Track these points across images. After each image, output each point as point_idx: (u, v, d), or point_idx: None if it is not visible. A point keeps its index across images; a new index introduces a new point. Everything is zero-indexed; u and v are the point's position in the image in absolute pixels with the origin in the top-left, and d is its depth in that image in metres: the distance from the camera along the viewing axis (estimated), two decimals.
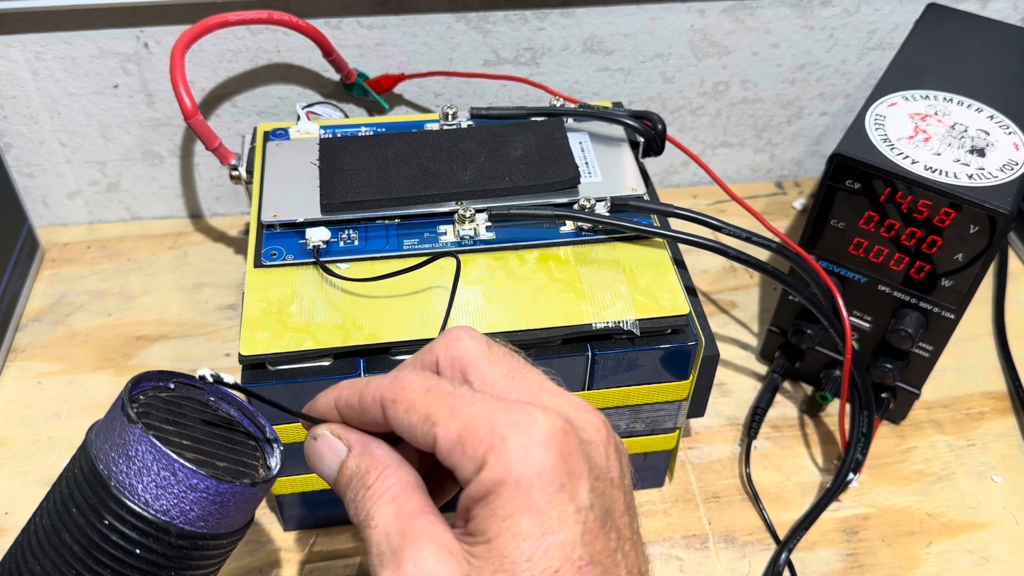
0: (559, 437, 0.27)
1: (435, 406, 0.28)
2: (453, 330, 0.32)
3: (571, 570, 0.26)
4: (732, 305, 0.65)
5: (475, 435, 0.27)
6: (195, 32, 0.54)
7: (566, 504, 0.27)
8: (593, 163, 0.51)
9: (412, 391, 0.29)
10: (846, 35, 0.66)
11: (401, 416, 0.29)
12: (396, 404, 0.29)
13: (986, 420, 0.58)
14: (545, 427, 0.27)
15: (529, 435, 0.27)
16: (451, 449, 0.28)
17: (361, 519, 0.29)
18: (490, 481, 0.27)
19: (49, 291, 0.64)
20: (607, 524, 0.28)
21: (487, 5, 0.61)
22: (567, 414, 0.29)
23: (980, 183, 0.46)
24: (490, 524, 0.27)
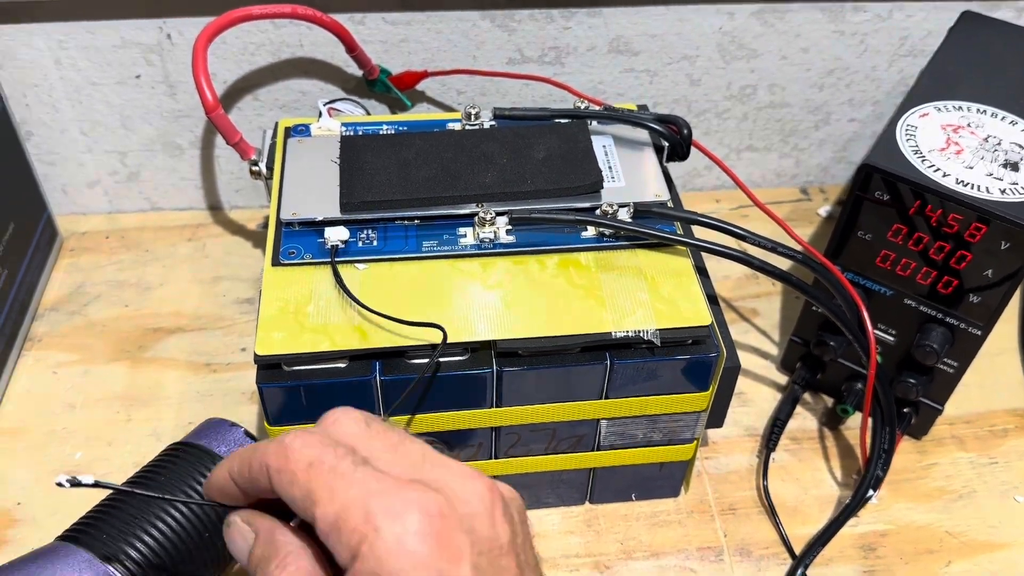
0: (436, 520, 0.27)
1: (315, 483, 0.28)
2: (331, 413, 0.32)
3: None
4: (753, 313, 0.64)
5: (349, 523, 0.27)
6: (218, 25, 0.53)
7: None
8: (617, 167, 0.50)
9: (295, 463, 0.29)
10: (877, 41, 0.65)
11: (285, 487, 0.29)
12: (280, 474, 0.29)
13: (1010, 438, 0.57)
14: (419, 514, 0.27)
15: (403, 524, 0.27)
16: (328, 533, 0.28)
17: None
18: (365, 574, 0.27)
19: (67, 280, 0.64)
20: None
21: (513, 3, 0.60)
22: (447, 488, 0.29)
23: (1013, 198, 0.45)
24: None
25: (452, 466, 0.30)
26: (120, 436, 0.55)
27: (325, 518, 0.27)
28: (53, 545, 0.40)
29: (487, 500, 0.29)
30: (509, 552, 0.29)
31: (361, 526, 0.27)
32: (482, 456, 0.48)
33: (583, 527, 0.51)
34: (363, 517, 0.27)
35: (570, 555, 0.50)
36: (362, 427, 0.31)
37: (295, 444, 0.29)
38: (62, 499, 0.51)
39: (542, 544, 0.50)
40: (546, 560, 0.50)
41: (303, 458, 0.29)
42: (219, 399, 0.57)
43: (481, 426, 0.46)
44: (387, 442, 0.30)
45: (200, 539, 0.42)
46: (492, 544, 0.28)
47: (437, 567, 0.27)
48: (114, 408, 0.56)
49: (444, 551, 0.27)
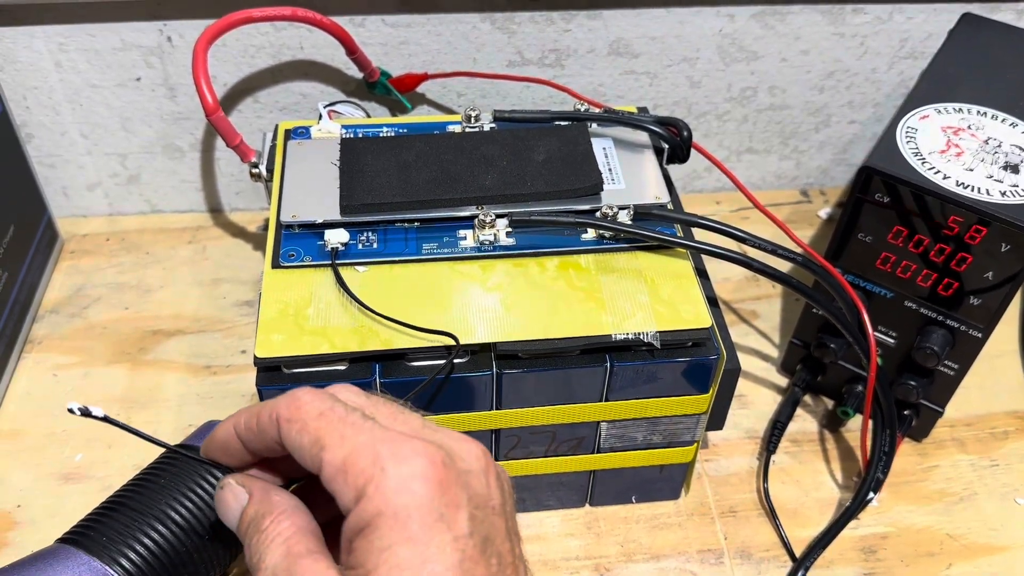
0: (438, 468, 0.28)
1: (326, 430, 0.29)
2: (330, 387, 0.32)
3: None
4: (754, 315, 0.64)
5: (357, 464, 0.28)
6: (219, 27, 0.53)
7: (444, 533, 0.28)
8: (617, 170, 0.50)
9: (306, 412, 0.30)
10: (877, 43, 0.65)
11: (294, 436, 0.30)
12: (290, 423, 0.30)
13: (1010, 440, 0.57)
14: (424, 459, 0.28)
15: (409, 467, 0.28)
16: (334, 476, 0.29)
17: (254, 562, 0.30)
18: (369, 512, 0.27)
19: (67, 283, 0.64)
20: (487, 550, 0.29)
21: (513, 5, 0.60)
22: (447, 445, 0.30)
23: (1013, 200, 0.45)
24: (369, 556, 0.27)
25: (449, 431, 0.31)
26: (120, 438, 0.54)
27: (333, 462, 0.28)
28: (53, 547, 0.40)
29: (483, 461, 0.31)
30: (500, 514, 0.30)
31: (368, 468, 0.28)
32: None
33: (583, 529, 0.51)
34: (371, 459, 0.28)
35: (570, 557, 0.50)
36: (362, 397, 0.32)
37: (306, 396, 0.30)
38: (61, 502, 0.51)
39: (542, 546, 0.50)
40: (546, 563, 0.50)
41: (314, 408, 0.30)
42: (219, 401, 0.57)
43: (481, 428, 0.46)
44: (389, 410, 0.32)
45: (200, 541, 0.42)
46: (486, 502, 0.30)
47: (439, 510, 0.28)
48: (114, 410, 0.56)
49: (445, 496, 0.28)
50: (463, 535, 0.28)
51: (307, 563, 0.29)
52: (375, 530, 0.27)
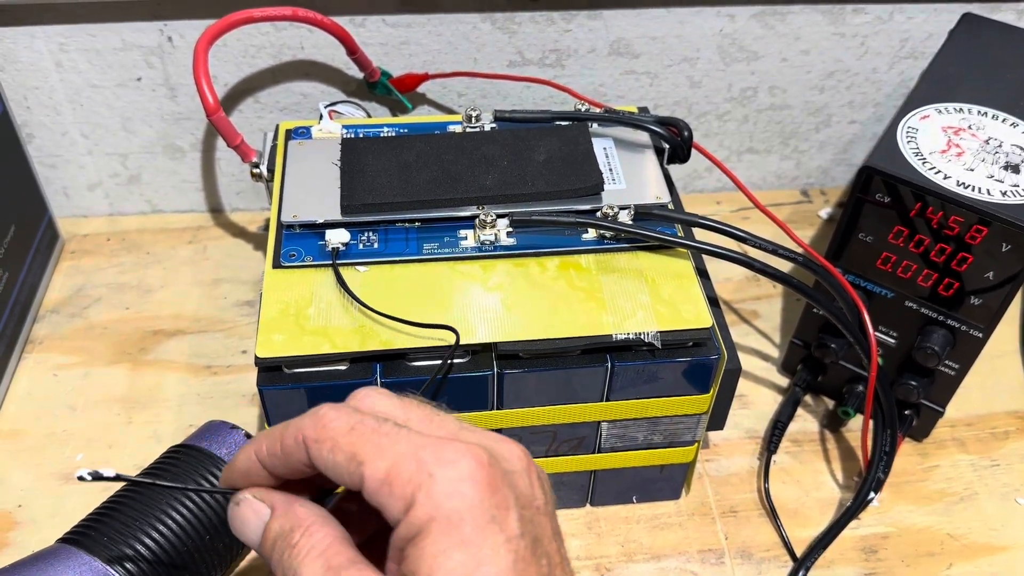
0: (485, 469, 0.28)
1: (360, 444, 0.28)
2: (359, 391, 0.31)
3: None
4: (754, 315, 0.64)
5: (402, 474, 0.27)
6: (219, 27, 0.53)
7: (497, 535, 0.27)
8: (617, 169, 0.50)
9: (335, 429, 0.29)
10: (878, 43, 0.65)
11: (326, 456, 0.29)
12: (320, 444, 0.29)
13: (1011, 440, 0.57)
14: (471, 461, 0.28)
15: (456, 470, 0.27)
16: (378, 489, 0.28)
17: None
18: (420, 519, 0.27)
19: (68, 283, 0.64)
20: (537, 551, 0.28)
21: (513, 6, 0.60)
22: (489, 446, 0.29)
23: (1013, 200, 0.45)
24: (422, 562, 0.27)
25: (487, 432, 0.31)
26: (120, 438, 0.55)
27: (375, 475, 0.28)
28: (54, 547, 0.40)
29: (524, 461, 0.30)
30: (545, 513, 0.30)
31: (415, 475, 0.27)
32: None
33: (584, 529, 0.51)
34: (416, 467, 0.27)
35: (571, 558, 0.50)
36: (394, 401, 0.31)
37: (331, 413, 0.29)
38: (62, 501, 0.51)
39: None
40: None
41: (343, 424, 0.29)
42: (220, 401, 0.57)
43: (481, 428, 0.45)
44: (422, 413, 0.31)
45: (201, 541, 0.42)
46: (531, 502, 0.29)
47: (490, 511, 0.27)
48: (114, 410, 0.56)
49: (495, 497, 0.27)
50: (515, 536, 0.27)
51: (352, 573, 0.28)
52: (427, 536, 0.27)
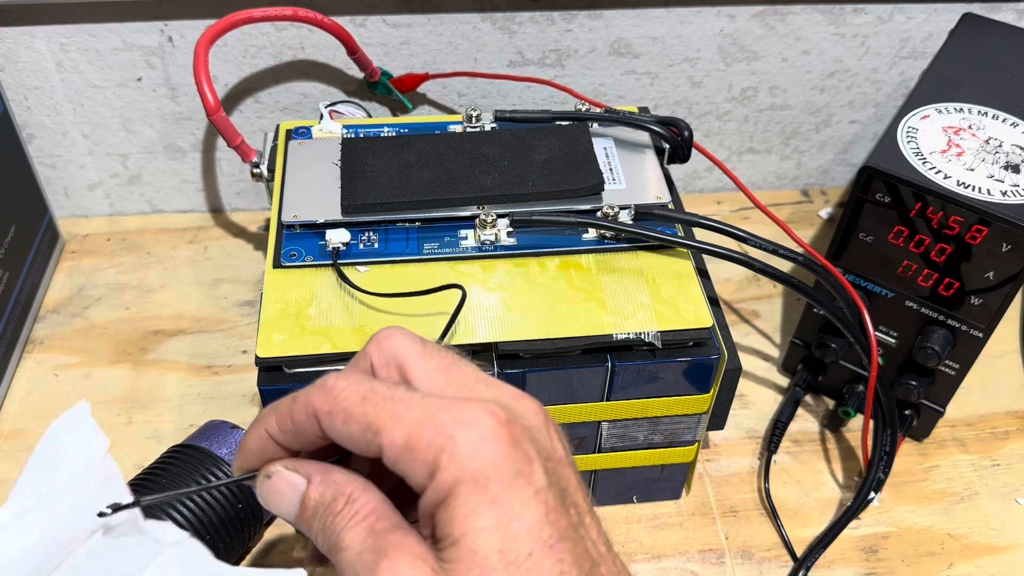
0: (505, 426, 0.28)
1: (375, 414, 0.28)
2: (384, 330, 0.31)
3: (543, 550, 0.26)
4: (754, 315, 0.64)
5: (422, 440, 0.27)
6: (220, 27, 0.53)
7: (525, 488, 0.27)
8: (618, 169, 0.50)
9: (347, 400, 0.29)
10: (878, 43, 0.65)
11: (339, 428, 0.29)
12: (332, 416, 0.29)
13: (1011, 440, 0.57)
14: (489, 419, 0.27)
15: (477, 430, 0.27)
16: (399, 457, 0.27)
17: (331, 545, 0.29)
18: (447, 483, 0.27)
19: (68, 283, 0.64)
20: (565, 501, 0.28)
21: (513, 6, 0.60)
22: (505, 403, 0.29)
23: (1014, 200, 0.45)
24: (454, 525, 0.27)
25: (504, 386, 0.30)
26: (121, 438, 0.55)
27: (394, 444, 0.27)
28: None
29: (541, 416, 0.30)
30: (568, 464, 0.30)
31: (436, 439, 0.27)
32: None
33: None
34: (435, 431, 0.27)
35: None
36: (418, 345, 0.31)
37: (340, 383, 0.29)
38: None
39: None
40: None
41: (354, 394, 0.29)
42: (220, 401, 0.57)
43: None
44: (441, 362, 0.30)
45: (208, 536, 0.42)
46: (552, 454, 0.29)
47: (515, 467, 0.27)
48: (115, 410, 0.56)
49: (518, 452, 0.27)
50: (543, 487, 0.27)
51: (395, 538, 0.28)
52: (456, 498, 0.27)
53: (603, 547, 0.29)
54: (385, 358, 0.31)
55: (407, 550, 0.27)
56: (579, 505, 0.29)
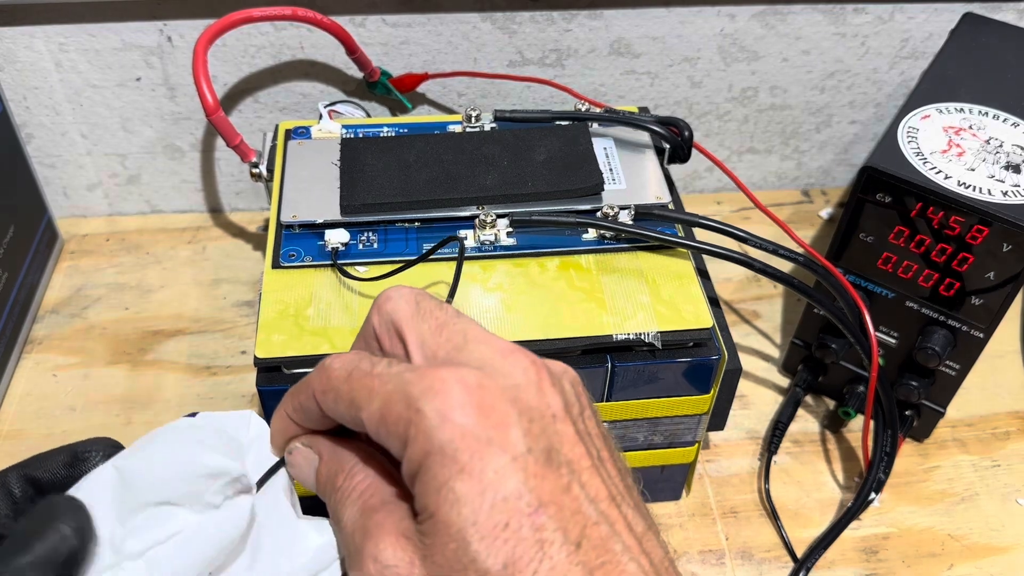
0: (475, 392, 0.27)
1: (356, 390, 0.28)
2: (383, 293, 0.32)
3: (521, 519, 0.26)
4: (755, 315, 0.64)
5: (392, 412, 0.27)
6: (219, 27, 0.53)
7: (499, 456, 0.26)
8: (617, 169, 0.50)
9: (336, 379, 0.29)
10: (878, 43, 0.65)
11: (331, 406, 0.29)
12: (325, 395, 0.29)
13: (1012, 440, 0.57)
14: (456, 387, 0.27)
15: (444, 399, 0.27)
16: (376, 431, 0.28)
17: (335, 520, 0.30)
18: (417, 456, 0.26)
19: (67, 283, 0.64)
20: (554, 460, 0.27)
21: (513, 5, 0.60)
22: (489, 363, 0.28)
23: (1014, 200, 0.45)
24: (429, 499, 0.26)
25: (494, 343, 0.30)
26: (120, 439, 0.54)
27: (371, 418, 0.28)
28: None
29: (531, 372, 0.29)
30: (564, 419, 0.28)
31: (404, 412, 0.27)
32: None
33: None
34: (404, 404, 0.27)
35: None
36: (412, 307, 0.31)
37: (334, 364, 0.30)
38: None
39: None
40: None
41: (342, 372, 0.29)
42: (219, 402, 0.57)
43: None
44: (434, 322, 0.30)
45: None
46: (542, 412, 0.28)
47: (485, 435, 0.26)
48: (114, 411, 0.56)
49: (489, 418, 0.27)
50: (520, 453, 0.26)
51: (380, 517, 0.28)
52: (427, 471, 0.26)
53: (605, 503, 0.28)
54: (384, 323, 0.31)
55: (391, 530, 0.27)
56: (575, 462, 0.28)
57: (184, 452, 0.31)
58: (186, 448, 0.31)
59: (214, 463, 0.31)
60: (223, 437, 0.33)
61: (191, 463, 0.31)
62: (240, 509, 0.31)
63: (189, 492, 0.31)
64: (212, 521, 0.31)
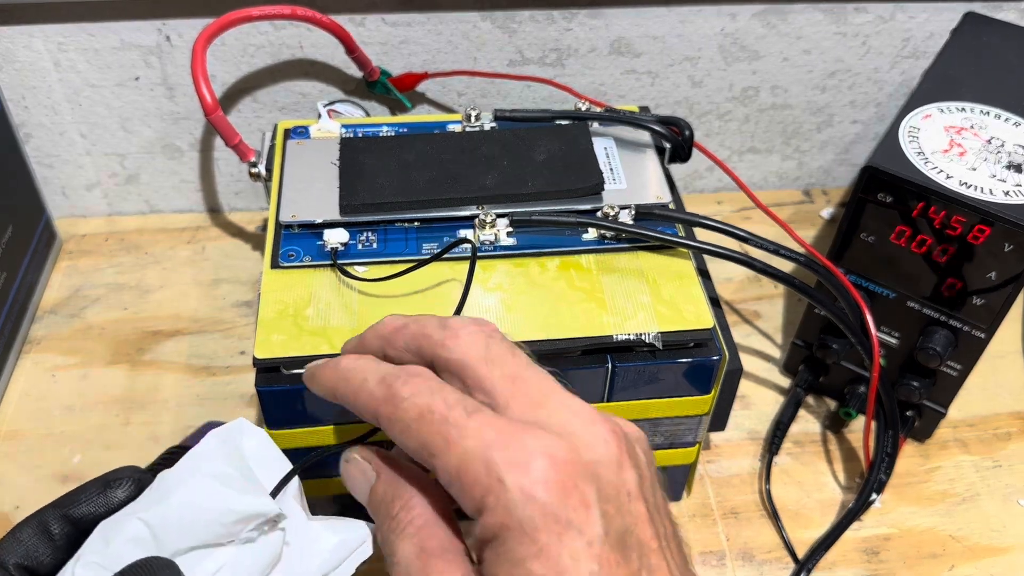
0: (560, 468, 0.26)
1: (429, 436, 0.27)
2: (454, 324, 0.30)
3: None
4: (756, 315, 0.64)
5: (470, 474, 0.26)
6: (217, 26, 0.53)
7: (576, 540, 0.25)
8: (618, 169, 0.50)
9: (405, 412, 0.28)
10: (879, 42, 0.64)
11: (397, 437, 0.28)
12: (392, 423, 0.28)
13: (1013, 441, 0.56)
14: (543, 461, 0.26)
15: (527, 474, 0.26)
16: (449, 483, 0.27)
17: (386, 550, 0.29)
18: (494, 526, 0.26)
19: (66, 283, 0.64)
20: (627, 543, 0.27)
21: (513, 4, 0.60)
22: (570, 431, 0.27)
23: (1016, 200, 0.45)
24: (501, 570, 0.26)
25: (574, 406, 0.29)
26: (118, 439, 0.54)
27: (446, 469, 0.27)
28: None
29: (611, 444, 0.28)
30: (638, 497, 0.28)
31: (484, 478, 0.26)
32: None
33: None
34: (485, 469, 0.26)
35: None
36: (481, 349, 0.30)
37: (403, 391, 0.28)
38: None
39: None
40: None
41: (413, 408, 0.28)
42: (218, 402, 0.57)
43: None
44: (506, 371, 0.29)
45: None
46: (619, 490, 0.27)
47: (566, 516, 0.26)
48: (113, 411, 0.56)
49: (572, 499, 0.26)
50: (597, 537, 0.26)
51: (439, 565, 0.27)
52: (502, 544, 0.26)
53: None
54: (447, 361, 0.30)
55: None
56: (644, 544, 0.27)
57: (210, 498, 0.31)
58: (210, 493, 0.31)
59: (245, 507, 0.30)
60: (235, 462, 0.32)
61: (221, 510, 0.30)
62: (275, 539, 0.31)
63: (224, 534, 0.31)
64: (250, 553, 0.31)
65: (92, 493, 0.32)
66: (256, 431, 0.34)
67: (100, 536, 0.31)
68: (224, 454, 0.33)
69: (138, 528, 0.31)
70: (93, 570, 0.30)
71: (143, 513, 0.31)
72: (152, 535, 0.30)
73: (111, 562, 0.30)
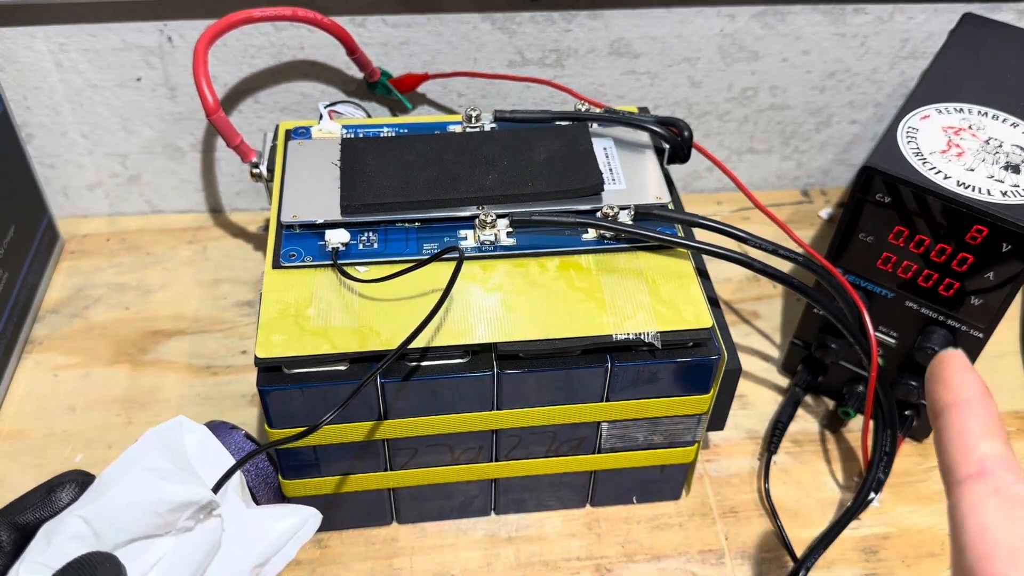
0: None
1: None
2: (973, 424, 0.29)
3: None
4: (754, 315, 0.64)
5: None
6: (219, 27, 0.53)
7: None
8: (617, 170, 0.50)
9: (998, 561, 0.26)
10: (878, 43, 0.65)
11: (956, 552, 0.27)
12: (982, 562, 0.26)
13: (1011, 440, 0.57)
14: None
15: None
16: None
17: None
18: None
19: (67, 283, 0.64)
20: None
21: (513, 5, 0.60)
22: None
23: (1014, 201, 0.45)
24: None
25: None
26: (120, 439, 0.55)
27: None
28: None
29: None
30: None
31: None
32: (483, 459, 0.48)
33: (584, 530, 0.51)
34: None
35: (571, 558, 0.50)
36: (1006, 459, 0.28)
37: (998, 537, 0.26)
38: None
39: (543, 547, 0.50)
40: (547, 563, 0.50)
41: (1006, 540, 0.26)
42: (219, 402, 0.57)
43: (481, 429, 0.45)
44: None
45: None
46: None
47: None
48: (114, 411, 0.56)
49: None
50: None
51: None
52: None
53: None
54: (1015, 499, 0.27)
55: None
56: None
57: (145, 490, 0.32)
58: (146, 485, 0.32)
59: (178, 495, 0.32)
60: (173, 456, 0.34)
61: (156, 501, 0.32)
62: (213, 527, 0.33)
63: (161, 524, 0.32)
64: (189, 542, 0.32)
65: (36, 498, 0.33)
66: (198, 428, 0.36)
67: (43, 536, 0.32)
68: (161, 450, 0.34)
69: (78, 525, 0.31)
70: (37, 569, 0.31)
71: (82, 510, 0.32)
72: (92, 531, 0.31)
73: (54, 560, 0.31)
